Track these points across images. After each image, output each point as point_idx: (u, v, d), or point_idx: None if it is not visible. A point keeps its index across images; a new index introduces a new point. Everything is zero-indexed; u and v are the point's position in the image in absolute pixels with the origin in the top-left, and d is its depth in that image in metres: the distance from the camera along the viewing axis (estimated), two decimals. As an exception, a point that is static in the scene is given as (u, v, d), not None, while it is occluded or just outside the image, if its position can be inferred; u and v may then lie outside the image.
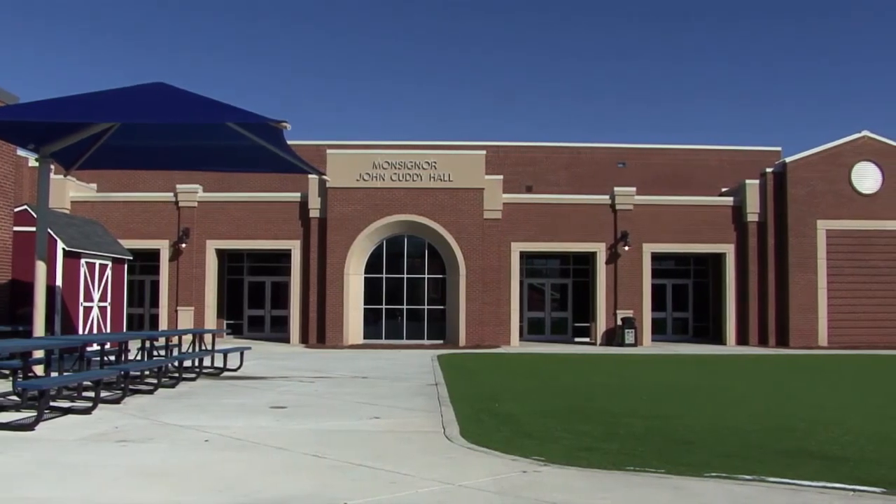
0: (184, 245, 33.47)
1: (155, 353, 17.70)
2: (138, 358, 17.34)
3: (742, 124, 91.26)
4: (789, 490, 7.60)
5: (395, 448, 9.67)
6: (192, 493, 7.35)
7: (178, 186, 33.94)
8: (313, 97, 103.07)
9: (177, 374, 16.89)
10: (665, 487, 7.66)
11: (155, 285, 35.10)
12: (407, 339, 33.13)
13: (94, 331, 23.15)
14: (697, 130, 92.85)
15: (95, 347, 16.76)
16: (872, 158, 34.18)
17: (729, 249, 34.60)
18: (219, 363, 19.59)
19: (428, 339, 33.20)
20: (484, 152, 34.02)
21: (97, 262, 23.56)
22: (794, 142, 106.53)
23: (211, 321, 33.81)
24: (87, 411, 12.13)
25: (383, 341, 32.85)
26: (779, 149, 40.99)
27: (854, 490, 7.60)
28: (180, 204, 33.79)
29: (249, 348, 22.49)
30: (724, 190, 37.58)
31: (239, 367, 19.92)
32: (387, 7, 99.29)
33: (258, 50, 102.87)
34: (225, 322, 36.10)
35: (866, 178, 34.07)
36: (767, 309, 33.94)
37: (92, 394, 12.73)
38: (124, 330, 25.40)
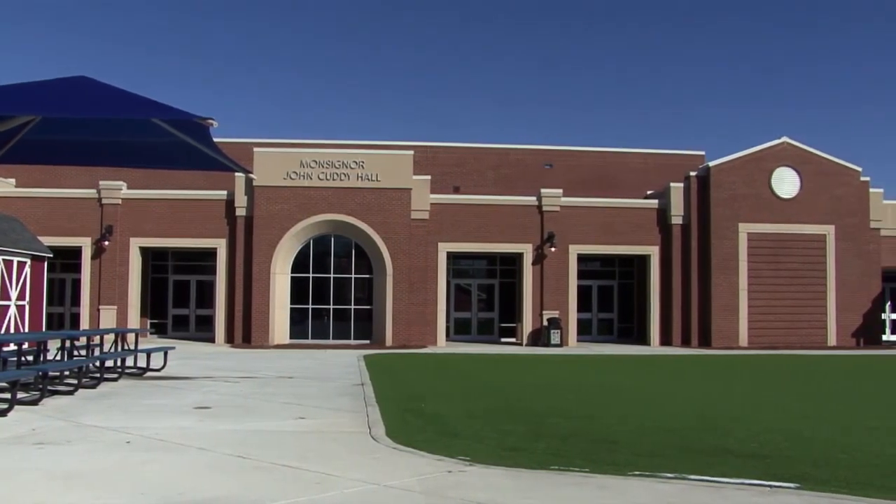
0: (107, 243, 32.85)
1: (75, 353, 17.34)
2: (58, 358, 16.96)
3: (667, 128, 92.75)
4: (710, 487, 7.75)
5: (320, 448, 9.62)
6: (113, 496, 7.23)
7: (101, 183, 33.26)
8: (241, 95, 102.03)
9: (98, 375, 16.58)
10: (589, 486, 7.75)
11: (76, 284, 34.39)
12: (333, 339, 33.00)
13: (11, 330, 22.61)
14: (624, 133, 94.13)
15: (12, 347, 16.34)
16: (791, 164, 35.03)
17: (653, 251, 35.12)
18: (142, 363, 19.29)
19: (354, 339, 33.10)
20: (412, 152, 34.03)
21: (15, 259, 23.01)
22: (717, 146, 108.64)
23: (134, 320, 33.23)
24: (2, 413, 11.84)
25: (310, 341, 32.65)
26: (702, 153, 41.71)
27: (771, 486, 7.77)
28: (103, 201, 33.16)
29: (174, 348, 22.19)
30: (649, 192, 38.10)
31: (163, 367, 19.62)
32: (314, 4, 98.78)
33: (184, 45, 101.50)
34: (149, 321, 35.52)
35: (785, 182, 34.89)
36: (690, 310, 34.53)
37: (8, 395, 12.41)
38: (43, 329, 24.85)
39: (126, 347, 19.35)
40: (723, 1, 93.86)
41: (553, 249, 33.99)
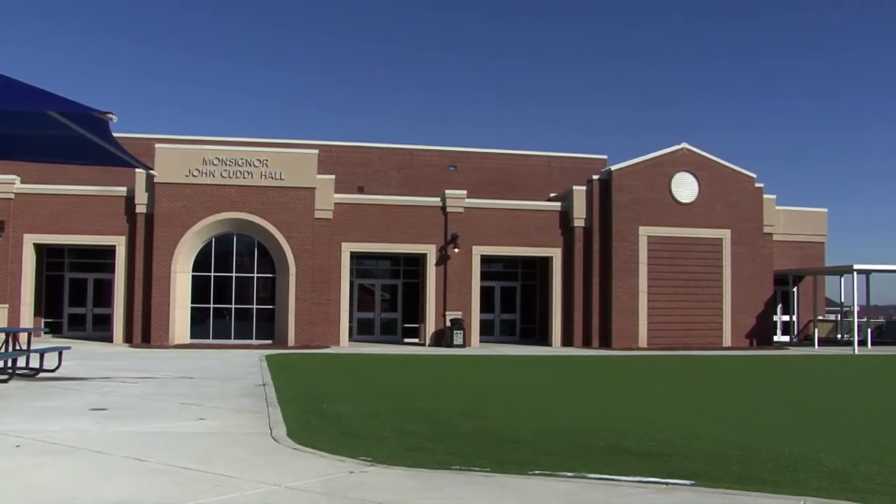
0: (-2, 239, 31.84)
1: (-36, 352, 16.76)
2: (-55, 358, 16.39)
3: (570, 132, 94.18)
4: (608, 485, 7.89)
5: (220, 450, 9.49)
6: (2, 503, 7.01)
7: (-8, 177, 32.24)
8: (143, 90, 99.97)
9: (-12, 375, 16.06)
10: (490, 486, 7.81)
11: (-35, 281, 33.23)
12: (235, 338, 32.56)
13: None
14: (527, 135, 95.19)
15: None
16: (690, 169, 35.89)
17: (556, 253, 35.58)
18: (35, 364, 18.70)
19: (256, 339, 32.72)
20: (316, 151, 33.82)
21: None
22: (619, 150, 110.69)
23: (28, 319, 32.24)
24: None
25: (211, 341, 32.15)
26: (605, 157, 42.47)
27: (667, 483, 7.95)
28: (-5, 196, 32.12)
29: (69, 348, 21.59)
30: (552, 195, 38.56)
31: (57, 368, 19.06)
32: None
33: (92, 35, 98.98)
34: (43, 320, 34.50)
35: (685, 187, 35.74)
36: (592, 311, 35.06)
37: None
38: (-70, 328, 23.95)
39: (18, 347, 18.76)
40: (626, 3, 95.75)
41: (456, 250, 34.16)
